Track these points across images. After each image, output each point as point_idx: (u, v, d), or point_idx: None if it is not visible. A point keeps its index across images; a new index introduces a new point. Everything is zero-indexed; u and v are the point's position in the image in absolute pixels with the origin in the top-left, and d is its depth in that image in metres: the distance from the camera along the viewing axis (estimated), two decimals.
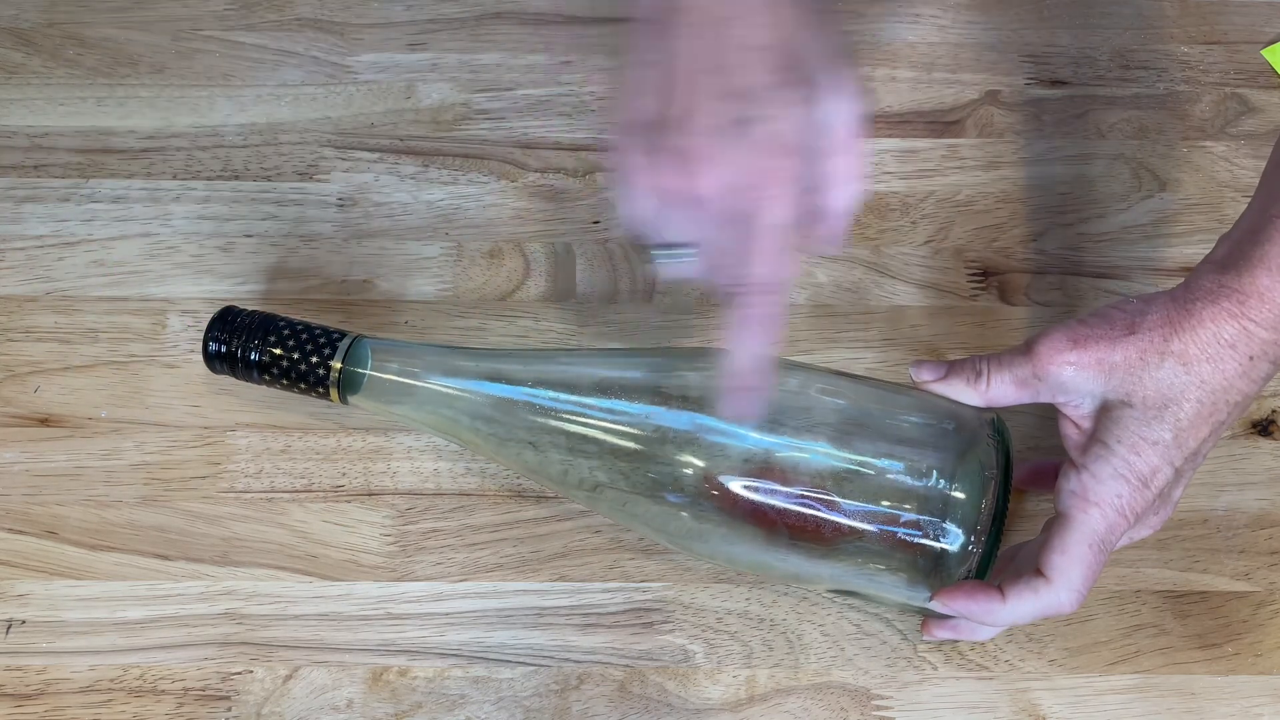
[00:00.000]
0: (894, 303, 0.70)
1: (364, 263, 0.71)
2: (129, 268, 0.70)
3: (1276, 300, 0.53)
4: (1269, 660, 0.61)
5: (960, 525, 0.55)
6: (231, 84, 0.76)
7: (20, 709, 0.59)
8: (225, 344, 0.61)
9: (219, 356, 0.62)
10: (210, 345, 0.62)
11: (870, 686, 0.60)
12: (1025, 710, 0.60)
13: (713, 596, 0.63)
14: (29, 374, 0.67)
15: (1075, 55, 0.79)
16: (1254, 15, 0.80)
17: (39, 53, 0.77)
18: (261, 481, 0.65)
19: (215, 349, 0.62)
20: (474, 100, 0.76)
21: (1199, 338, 0.53)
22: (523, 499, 0.65)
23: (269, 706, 0.60)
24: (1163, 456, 0.54)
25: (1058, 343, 0.55)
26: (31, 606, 0.62)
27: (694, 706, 0.60)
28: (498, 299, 0.70)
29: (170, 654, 0.61)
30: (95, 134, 0.74)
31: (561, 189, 0.73)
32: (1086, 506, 0.55)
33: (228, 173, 0.73)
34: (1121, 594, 0.63)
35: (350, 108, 0.75)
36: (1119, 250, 0.72)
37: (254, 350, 0.61)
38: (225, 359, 0.62)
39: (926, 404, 0.58)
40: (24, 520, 0.64)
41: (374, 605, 0.62)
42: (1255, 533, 0.64)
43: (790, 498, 0.56)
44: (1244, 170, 0.74)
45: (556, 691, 0.60)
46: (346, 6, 0.79)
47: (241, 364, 0.61)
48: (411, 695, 0.60)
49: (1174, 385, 0.53)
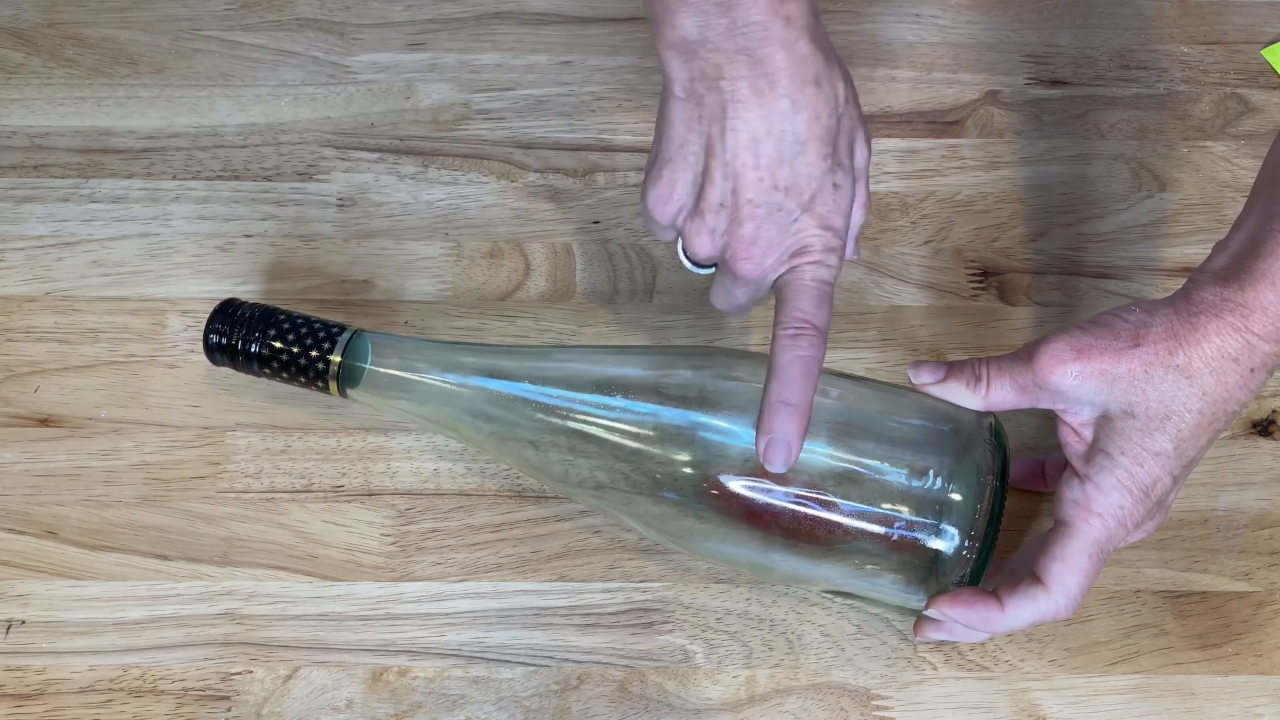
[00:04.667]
0: (894, 303, 0.70)
1: (364, 263, 0.71)
2: (129, 268, 0.70)
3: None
4: (1269, 660, 0.61)
5: (956, 528, 0.55)
6: (231, 84, 0.76)
7: (20, 709, 0.59)
8: (226, 336, 0.62)
9: (219, 349, 0.62)
10: (211, 337, 0.62)
11: (870, 686, 0.60)
12: (1025, 710, 0.60)
13: (713, 596, 0.63)
14: (29, 374, 0.67)
15: (1075, 55, 0.79)
16: (1254, 15, 0.80)
17: (39, 53, 0.77)
18: (261, 481, 0.65)
19: (216, 341, 0.62)
20: (474, 100, 0.76)
21: (1203, 352, 0.53)
22: (523, 499, 0.65)
23: (269, 706, 0.60)
24: (1164, 467, 0.54)
25: (1060, 351, 0.55)
26: (31, 606, 0.62)
27: (694, 706, 0.60)
28: (498, 299, 0.70)
29: (170, 654, 0.61)
30: (95, 134, 0.74)
31: (561, 189, 0.73)
32: (1089, 516, 0.55)
33: (227, 173, 0.73)
34: (1121, 594, 0.63)
35: (350, 108, 0.75)
36: (1119, 250, 0.72)
37: (254, 343, 0.61)
38: (226, 351, 0.62)
39: (925, 406, 0.58)
40: (24, 520, 0.64)
41: (374, 605, 0.62)
42: (1255, 533, 0.64)
43: (788, 497, 0.56)
44: (1244, 170, 0.74)
45: (556, 691, 0.60)
46: (346, 6, 0.79)
47: (242, 356, 0.62)
48: (411, 695, 0.60)
49: (1176, 397, 0.53)
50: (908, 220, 0.73)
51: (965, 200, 0.73)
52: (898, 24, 0.79)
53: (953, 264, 0.71)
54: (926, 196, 0.73)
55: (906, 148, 0.75)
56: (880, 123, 0.76)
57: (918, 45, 0.79)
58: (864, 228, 0.62)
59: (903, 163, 0.74)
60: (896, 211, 0.73)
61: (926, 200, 0.73)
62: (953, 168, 0.74)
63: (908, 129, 0.76)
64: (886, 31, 0.79)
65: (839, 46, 0.79)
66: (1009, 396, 0.56)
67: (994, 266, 0.71)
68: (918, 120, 0.76)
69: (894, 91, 0.77)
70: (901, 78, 0.77)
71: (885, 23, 0.79)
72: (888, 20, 0.79)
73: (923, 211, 0.73)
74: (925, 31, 0.79)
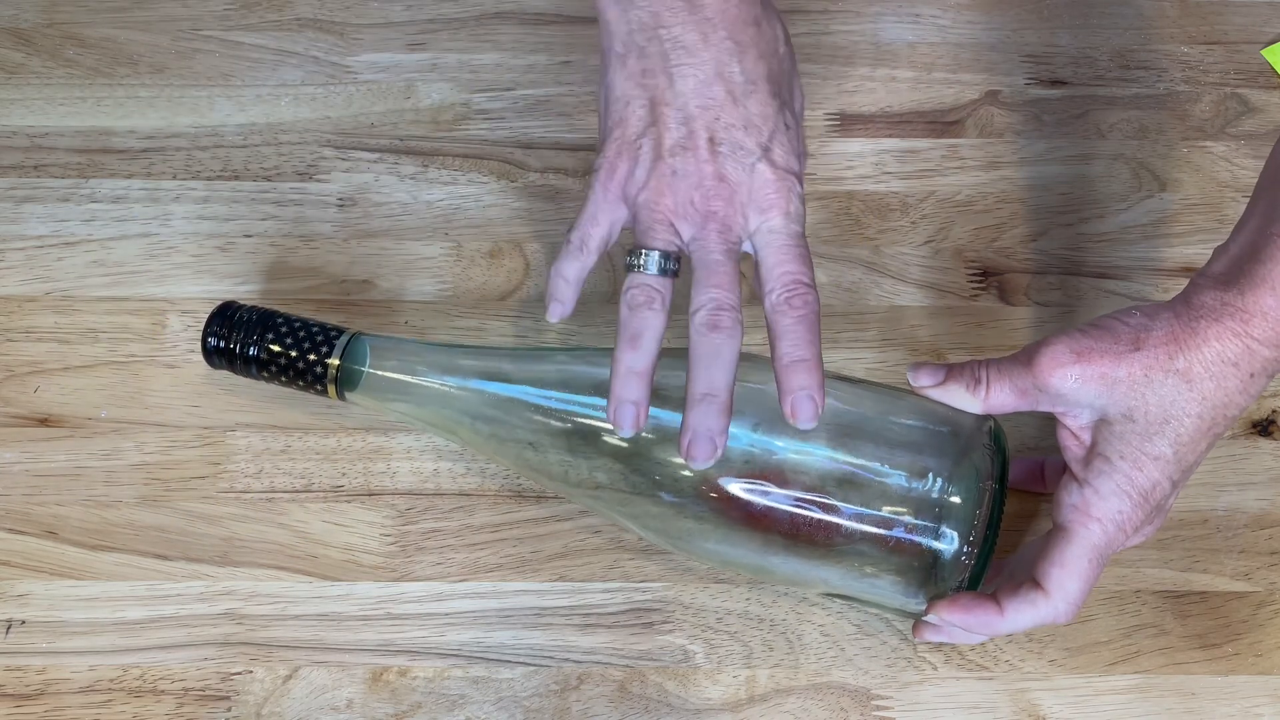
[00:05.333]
0: (893, 303, 0.70)
1: (364, 263, 0.71)
2: (129, 268, 0.70)
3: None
4: (1269, 660, 0.61)
5: (955, 531, 0.55)
6: (231, 84, 0.76)
7: (20, 709, 0.59)
8: (224, 339, 0.62)
9: (217, 352, 0.62)
10: (209, 340, 0.62)
11: (870, 686, 0.60)
12: (1025, 710, 0.60)
13: (712, 596, 0.63)
14: (29, 374, 0.67)
15: (1075, 55, 0.79)
16: (1254, 15, 0.80)
17: (39, 53, 0.77)
18: (261, 481, 0.65)
19: (214, 344, 0.62)
20: (474, 100, 0.76)
21: (1203, 356, 0.53)
22: (523, 499, 0.65)
23: (269, 706, 0.60)
24: (1163, 471, 0.54)
25: (1059, 354, 0.55)
26: (31, 606, 0.62)
27: (694, 706, 0.60)
28: (498, 299, 0.70)
29: (170, 654, 0.61)
30: (95, 134, 0.74)
31: (561, 189, 0.73)
32: (1088, 521, 0.55)
33: (227, 173, 0.73)
34: (1121, 594, 0.63)
35: (350, 108, 0.75)
36: (1119, 250, 0.72)
37: (252, 346, 0.61)
38: (224, 354, 0.62)
39: (925, 409, 0.58)
40: (24, 520, 0.64)
41: (374, 605, 0.62)
42: (1255, 533, 0.64)
43: (787, 499, 0.56)
44: (1244, 170, 0.74)
45: (556, 691, 0.60)
46: (346, 6, 0.79)
47: (240, 359, 0.62)
48: (411, 695, 0.60)
49: (1176, 402, 0.53)
50: (908, 220, 0.73)
51: (965, 200, 0.73)
52: (898, 24, 0.79)
53: (953, 264, 0.71)
54: (926, 196, 0.73)
55: (906, 148, 0.75)
56: (880, 123, 0.76)
57: (918, 45, 0.79)
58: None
59: (903, 163, 0.74)
60: (896, 211, 0.73)
61: (926, 200, 0.73)
62: (953, 168, 0.74)
63: (908, 129, 0.76)
64: (886, 31, 0.79)
65: (839, 46, 0.79)
66: (1008, 399, 0.56)
67: (994, 266, 0.71)
68: (918, 120, 0.76)
69: (894, 91, 0.77)
70: (901, 78, 0.77)
71: (885, 23, 0.79)
72: (888, 20, 0.79)
73: (923, 211, 0.73)
74: (925, 31, 0.79)
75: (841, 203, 0.73)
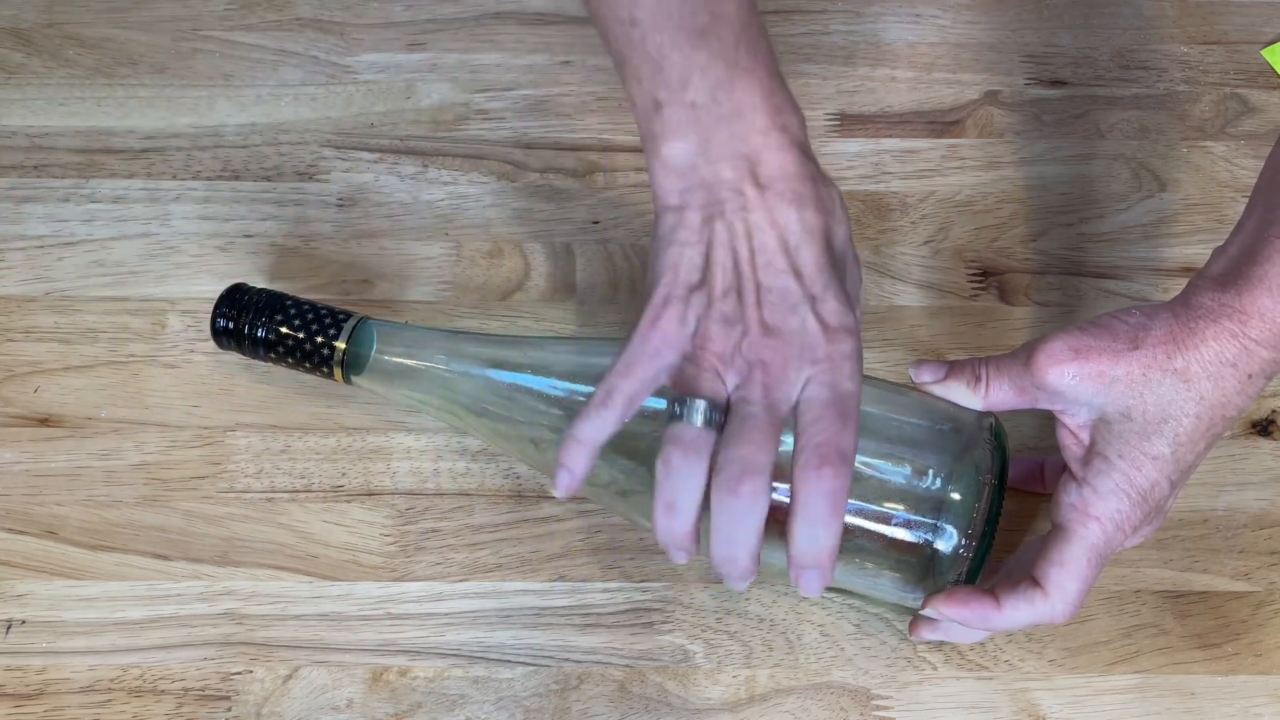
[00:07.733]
0: (893, 303, 0.70)
1: (364, 263, 0.71)
2: (129, 268, 0.70)
3: (1278, 320, 0.53)
4: (1269, 660, 0.61)
5: (954, 527, 0.55)
6: (231, 84, 0.76)
7: (20, 709, 0.59)
8: (233, 320, 0.62)
9: (226, 333, 0.62)
10: (218, 321, 0.62)
11: (870, 686, 0.60)
12: (1025, 710, 0.60)
13: (713, 596, 0.63)
14: (29, 374, 0.67)
15: (1075, 55, 0.79)
16: (1254, 15, 0.80)
17: (39, 53, 0.77)
18: (261, 481, 0.65)
19: (223, 325, 0.62)
20: (474, 100, 0.76)
21: (1201, 356, 0.53)
22: (523, 499, 0.65)
23: (269, 706, 0.60)
24: (1161, 471, 0.54)
25: (1058, 352, 0.55)
26: (31, 606, 0.62)
27: (694, 706, 0.60)
28: (498, 299, 0.70)
29: (170, 654, 0.61)
30: (95, 134, 0.74)
31: (561, 189, 0.73)
32: (1086, 520, 0.55)
33: (227, 173, 0.73)
34: (1121, 594, 0.63)
35: (350, 108, 0.75)
36: (1119, 250, 0.72)
37: (261, 327, 0.62)
38: (232, 335, 0.62)
39: (925, 405, 0.58)
40: (24, 520, 0.64)
41: (374, 605, 0.62)
42: (1255, 533, 0.64)
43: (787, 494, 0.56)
44: (1244, 170, 0.74)
45: (556, 691, 0.60)
46: (346, 6, 0.79)
47: (248, 341, 0.62)
48: (411, 695, 0.60)
49: (1174, 401, 0.53)
50: (908, 220, 0.73)
51: (965, 200, 0.73)
52: (898, 24, 0.79)
53: (953, 264, 0.71)
54: (926, 196, 0.73)
55: (906, 148, 0.75)
56: (880, 123, 0.76)
57: (918, 45, 0.79)
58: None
59: (903, 163, 0.74)
60: (896, 211, 0.73)
61: (926, 200, 0.73)
62: (953, 168, 0.74)
63: (908, 129, 0.76)
64: (886, 31, 0.79)
65: (839, 46, 0.79)
66: (1008, 397, 0.56)
67: (994, 266, 0.71)
68: (918, 120, 0.76)
69: (894, 91, 0.77)
70: (901, 78, 0.77)
71: (885, 23, 0.79)
72: (888, 20, 0.80)
73: (923, 211, 0.73)
74: (925, 31, 0.79)
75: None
